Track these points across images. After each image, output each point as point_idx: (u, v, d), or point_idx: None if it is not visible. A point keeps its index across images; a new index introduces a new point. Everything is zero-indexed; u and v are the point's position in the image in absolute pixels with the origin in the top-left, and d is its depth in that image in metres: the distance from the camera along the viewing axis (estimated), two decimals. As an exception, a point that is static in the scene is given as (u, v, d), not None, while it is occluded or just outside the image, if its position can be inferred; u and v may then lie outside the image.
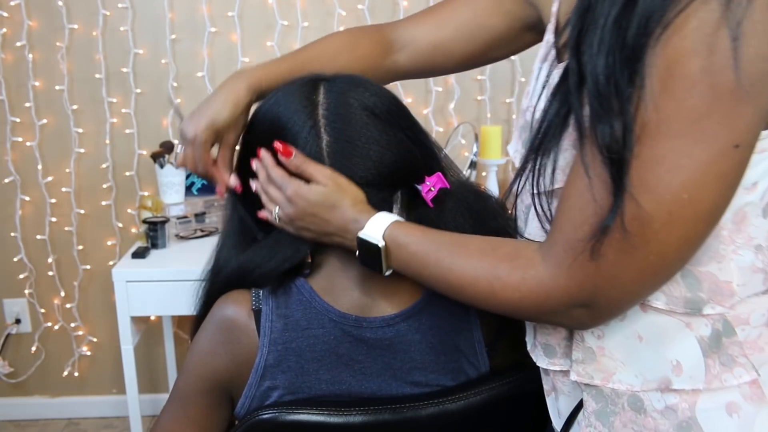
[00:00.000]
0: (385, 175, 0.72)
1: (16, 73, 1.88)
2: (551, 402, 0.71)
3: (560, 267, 0.55)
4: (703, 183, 0.49)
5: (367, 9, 1.91)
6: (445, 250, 0.64)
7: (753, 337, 0.59)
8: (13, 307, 2.05)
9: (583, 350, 0.63)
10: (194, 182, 1.92)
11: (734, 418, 0.58)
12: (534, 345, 0.70)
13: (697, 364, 0.58)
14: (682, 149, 0.49)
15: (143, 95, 1.93)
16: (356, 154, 0.71)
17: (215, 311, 0.75)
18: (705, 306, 0.57)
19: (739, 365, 0.58)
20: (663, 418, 0.59)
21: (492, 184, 1.93)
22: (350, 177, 0.71)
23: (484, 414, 0.75)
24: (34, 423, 2.14)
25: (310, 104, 0.72)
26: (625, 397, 0.61)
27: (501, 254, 0.61)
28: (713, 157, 0.49)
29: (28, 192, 1.97)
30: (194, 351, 0.75)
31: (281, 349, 0.71)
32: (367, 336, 0.73)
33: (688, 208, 0.50)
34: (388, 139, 0.72)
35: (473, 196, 0.79)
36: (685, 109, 0.48)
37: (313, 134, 0.71)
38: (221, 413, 0.76)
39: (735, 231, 0.56)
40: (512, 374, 0.77)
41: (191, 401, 0.75)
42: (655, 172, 0.50)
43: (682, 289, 0.58)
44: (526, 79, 2.03)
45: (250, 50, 1.93)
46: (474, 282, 0.61)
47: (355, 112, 0.72)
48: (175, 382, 0.77)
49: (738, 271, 0.57)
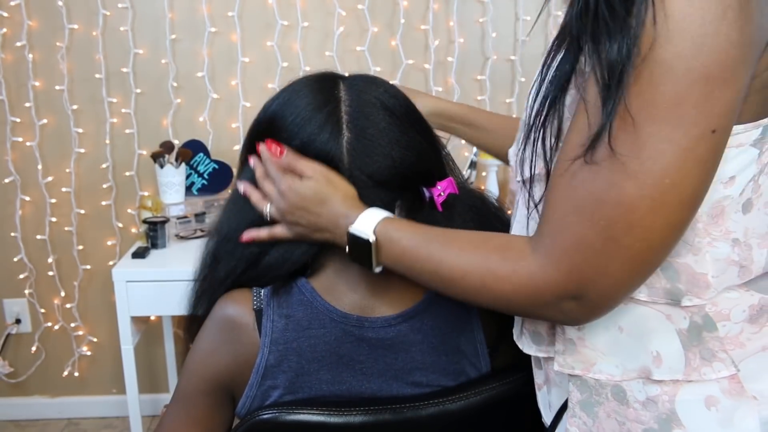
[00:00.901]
0: (403, 175, 0.73)
1: (16, 73, 1.88)
2: (542, 396, 0.72)
3: (549, 257, 0.56)
4: (684, 168, 0.50)
5: (367, 9, 1.91)
6: (436, 242, 0.64)
7: (734, 333, 0.59)
8: (13, 307, 2.05)
9: (564, 341, 0.64)
10: (194, 182, 1.92)
11: (713, 412, 0.58)
12: (521, 332, 0.71)
13: (677, 356, 0.59)
14: (661, 134, 0.49)
15: (143, 95, 1.93)
16: (377, 152, 0.71)
17: (216, 311, 0.75)
18: (683, 297, 0.58)
19: (719, 360, 0.58)
20: (644, 410, 0.60)
21: (492, 184, 1.93)
22: (368, 175, 0.71)
23: (485, 414, 0.75)
24: (34, 423, 2.14)
25: (333, 99, 0.72)
26: (608, 388, 0.62)
27: (492, 246, 0.62)
28: (692, 141, 0.49)
29: (28, 192, 1.97)
30: (196, 351, 0.75)
31: (282, 349, 0.71)
32: (368, 336, 0.73)
33: (671, 193, 0.51)
34: (408, 140, 0.73)
35: (480, 201, 0.80)
36: (661, 94, 0.49)
37: (335, 130, 0.71)
38: (224, 413, 0.76)
39: (711, 224, 0.57)
40: (512, 374, 0.77)
41: (193, 402, 0.74)
42: (637, 158, 0.50)
43: (662, 281, 0.58)
44: (527, 79, 2.03)
45: (250, 50, 1.93)
46: (465, 275, 0.61)
47: (378, 111, 0.72)
48: (178, 383, 0.77)
49: (713, 264, 0.58)
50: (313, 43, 1.95)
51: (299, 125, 0.71)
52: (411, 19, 1.96)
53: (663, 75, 0.49)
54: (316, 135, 0.71)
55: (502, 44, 2.01)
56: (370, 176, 0.71)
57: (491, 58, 2.00)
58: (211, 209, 1.85)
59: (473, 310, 0.77)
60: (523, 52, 2.01)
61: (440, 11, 1.96)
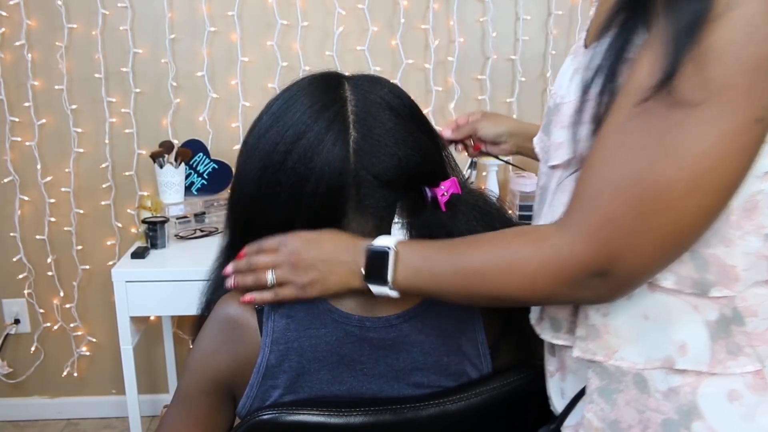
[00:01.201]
0: (408, 175, 0.72)
1: (15, 73, 1.88)
2: (555, 383, 0.71)
3: (578, 233, 0.56)
4: (725, 153, 0.51)
5: (367, 9, 1.91)
6: (456, 244, 0.65)
7: (761, 330, 0.59)
8: (12, 307, 2.05)
9: (587, 327, 0.64)
10: (194, 182, 1.92)
11: (735, 406, 0.58)
12: (540, 318, 0.71)
13: (704, 347, 0.59)
14: (706, 118, 0.50)
15: (143, 95, 1.93)
16: (384, 152, 0.71)
17: (218, 310, 0.74)
18: (712, 288, 0.58)
19: (745, 354, 0.58)
20: (665, 400, 0.60)
21: (492, 184, 1.93)
22: (374, 175, 0.71)
23: (485, 415, 0.74)
24: (34, 423, 2.13)
25: (340, 99, 0.72)
26: (629, 376, 0.62)
27: (512, 234, 0.63)
28: (736, 128, 0.50)
29: (27, 192, 1.96)
30: (197, 351, 0.75)
31: (283, 349, 0.71)
32: (370, 336, 0.72)
33: (708, 177, 0.51)
34: (414, 140, 0.73)
35: (482, 200, 0.80)
36: (710, 79, 0.50)
37: (343, 129, 0.70)
38: (224, 413, 0.76)
39: (744, 217, 0.57)
40: (513, 375, 0.77)
41: (194, 402, 0.74)
42: (679, 138, 0.51)
43: (690, 270, 0.58)
44: (527, 79, 2.03)
45: (249, 50, 1.93)
46: (490, 266, 0.61)
47: (384, 111, 0.72)
48: (179, 383, 0.76)
49: (743, 257, 0.58)
50: (313, 43, 1.94)
51: (306, 124, 0.71)
52: (411, 19, 1.96)
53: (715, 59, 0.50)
54: (323, 135, 0.70)
55: (503, 44, 2.00)
56: (376, 176, 0.71)
57: (491, 57, 2.00)
58: (210, 209, 1.84)
59: (475, 310, 0.76)
60: (524, 51, 2.01)
61: (440, 11, 1.96)
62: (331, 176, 0.70)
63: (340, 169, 0.70)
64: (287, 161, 0.71)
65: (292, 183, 0.71)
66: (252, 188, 0.74)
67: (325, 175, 0.70)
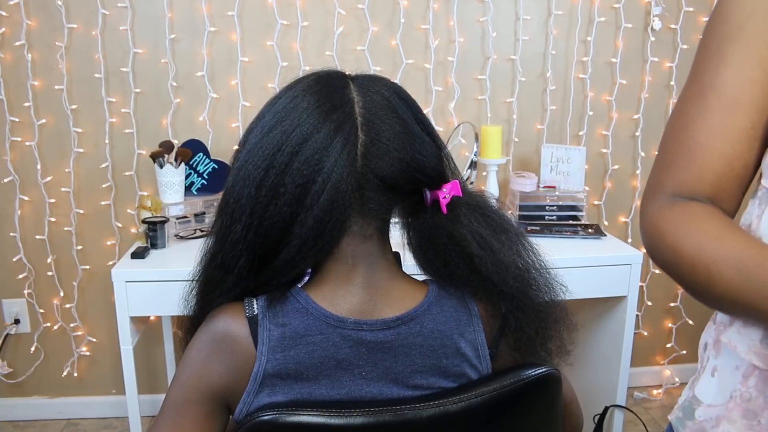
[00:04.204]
0: (414, 179, 0.72)
1: (15, 73, 1.88)
2: None
3: None
4: None
5: (367, 9, 1.91)
6: None
7: None
8: (12, 307, 2.05)
9: None
10: (194, 182, 1.92)
11: None
12: None
13: None
14: None
15: (143, 95, 1.93)
16: (391, 156, 0.70)
17: (208, 323, 0.73)
18: None
19: None
20: None
21: (492, 184, 1.93)
22: (381, 178, 0.70)
23: (485, 415, 0.74)
24: (33, 423, 2.13)
25: (348, 101, 0.71)
26: None
27: None
28: None
29: (27, 192, 1.96)
30: (187, 363, 0.73)
31: (280, 358, 0.71)
32: (366, 338, 0.72)
33: None
34: (420, 143, 0.72)
35: (482, 202, 0.79)
36: None
37: (352, 132, 0.69)
38: (216, 422, 0.75)
39: None
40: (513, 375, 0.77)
41: (184, 411, 0.73)
42: None
43: None
44: (527, 79, 2.03)
45: (249, 50, 1.93)
46: None
47: (390, 114, 0.71)
48: (168, 393, 0.75)
49: None
50: (312, 43, 1.95)
51: (314, 125, 0.70)
52: (411, 19, 1.96)
53: None
54: (331, 137, 0.69)
55: (503, 44, 2.01)
56: (382, 179, 0.70)
57: (491, 57, 2.00)
58: (210, 209, 1.85)
59: (474, 311, 0.76)
60: (524, 51, 2.01)
61: (440, 11, 1.96)
62: (338, 179, 0.69)
63: (347, 172, 0.69)
64: (293, 163, 0.69)
65: (297, 185, 0.69)
66: (252, 189, 0.72)
67: (332, 178, 0.69)
